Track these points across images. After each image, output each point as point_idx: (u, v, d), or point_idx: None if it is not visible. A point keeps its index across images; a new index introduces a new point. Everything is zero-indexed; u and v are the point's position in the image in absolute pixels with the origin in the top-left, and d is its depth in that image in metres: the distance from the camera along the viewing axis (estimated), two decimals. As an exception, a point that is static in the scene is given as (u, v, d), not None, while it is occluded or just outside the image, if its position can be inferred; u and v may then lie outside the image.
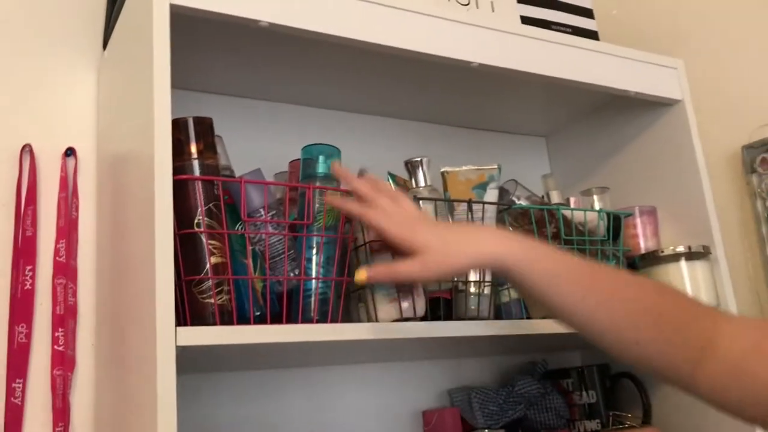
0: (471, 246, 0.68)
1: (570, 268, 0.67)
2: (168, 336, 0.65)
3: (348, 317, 0.88)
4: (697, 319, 0.64)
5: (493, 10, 1.13)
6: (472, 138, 1.31)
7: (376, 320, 0.83)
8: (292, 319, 0.78)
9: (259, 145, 1.03)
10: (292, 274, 0.78)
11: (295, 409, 1.01)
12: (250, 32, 0.81)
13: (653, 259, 1.05)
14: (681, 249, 1.03)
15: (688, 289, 1.02)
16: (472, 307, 0.89)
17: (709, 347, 0.61)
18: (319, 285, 0.79)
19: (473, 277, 0.91)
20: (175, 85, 0.72)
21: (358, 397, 1.07)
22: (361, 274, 0.70)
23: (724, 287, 1.06)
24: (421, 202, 0.87)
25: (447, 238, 0.69)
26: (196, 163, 0.72)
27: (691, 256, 1.03)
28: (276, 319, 0.76)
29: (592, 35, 1.22)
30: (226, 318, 0.71)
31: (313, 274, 0.78)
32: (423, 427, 1.08)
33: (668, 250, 1.04)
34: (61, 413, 0.85)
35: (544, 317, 0.96)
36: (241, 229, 0.76)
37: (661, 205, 1.15)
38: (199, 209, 0.71)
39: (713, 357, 0.61)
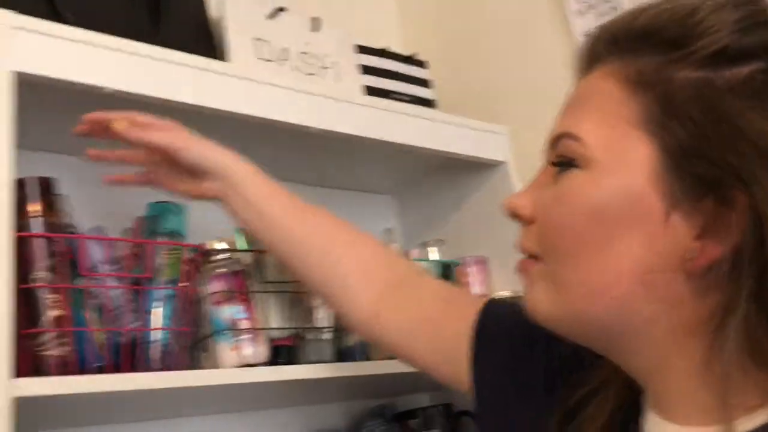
0: (218, 148, 0.80)
1: (281, 187, 0.80)
2: (3, 387, 0.67)
3: (193, 368, 0.92)
4: (390, 253, 0.77)
5: (338, 80, 1.24)
6: (325, 196, 1.38)
7: (219, 368, 0.88)
8: (134, 370, 0.81)
9: (106, 204, 1.06)
10: (132, 326, 0.81)
11: (145, 463, 1.02)
12: (95, 97, 0.85)
13: (483, 303, 1.16)
14: (505, 293, 1.15)
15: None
16: (313, 352, 0.96)
17: (402, 282, 0.73)
18: (162, 336, 0.83)
19: (319, 323, 0.98)
20: (23, 146, 0.76)
21: (212, 448, 1.10)
22: (121, 123, 0.78)
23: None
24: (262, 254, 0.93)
25: (202, 138, 0.80)
26: (36, 221, 0.76)
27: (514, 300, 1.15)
28: (118, 370, 0.79)
29: (429, 103, 1.36)
30: (66, 369, 0.74)
31: (154, 326, 0.82)
32: (275, 474, 1.12)
33: (494, 295, 1.15)
34: None
35: (383, 359, 1.04)
36: (81, 283, 0.79)
37: (493, 255, 1.27)
38: (39, 264, 0.74)
39: (404, 294, 0.72)
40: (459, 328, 0.67)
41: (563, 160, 0.49)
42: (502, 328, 0.66)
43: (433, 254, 1.23)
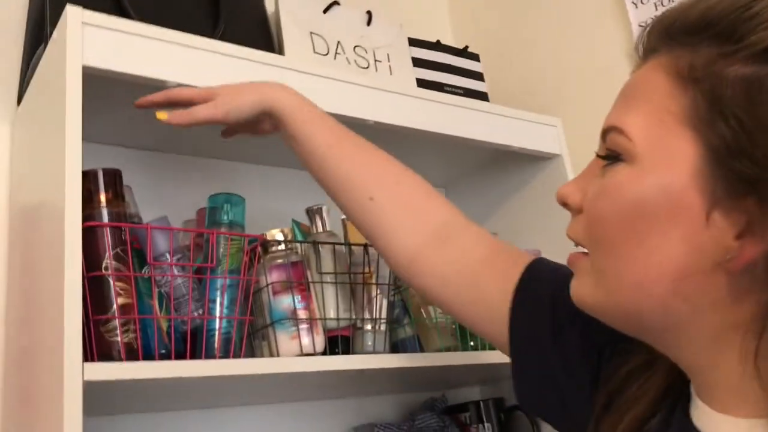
0: (258, 90, 0.79)
1: (327, 119, 0.78)
2: (75, 371, 0.69)
3: (252, 356, 0.94)
4: (437, 197, 0.74)
5: (390, 73, 1.25)
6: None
7: (278, 356, 0.89)
8: (196, 357, 0.83)
9: (169, 195, 1.08)
10: (195, 314, 0.83)
11: (203, 449, 1.05)
12: (159, 90, 0.87)
13: (537, 297, 1.15)
14: (560, 287, 1.14)
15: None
16: (369, 343, 0.97)
17: (446, 232, 0.70)
18: (222, 324, 0.85)
19: (375, 314, 0.99)
20: (88, 138, 0.78)
21: (267, 436, 1.12)
22: (162, 114, 0.79)
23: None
24: (319, 245, 0.94)
25: (240, 86, 0.80)
26: (104, 211, 0.78)
27: (570, 294, 1.14)
28: (181, 357, 0.81)
29: (483, 96, 1.35)
30: (132, 355, 0.76)
31: (217, 315, 0.84)
32: (329, 463, 1.13)
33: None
34: (-34, 458, 0.87)
35: (437, 350, 1.05)
36: (147, 272, 0.82)
37: (547, 248, 1.26)
38: (107, 253, 0.77)
39: (447, 244, 0.70)
40: (501, 284, 0.67)
41: (610, 154, 0.50)
42: (545, 291, 0.65)
43: (486, 247, 1.22)
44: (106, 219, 0.78)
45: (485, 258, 0.69)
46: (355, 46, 1.21)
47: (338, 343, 0.96)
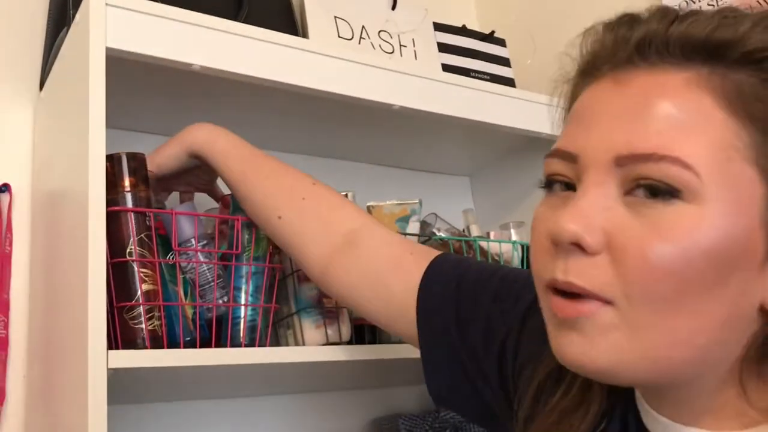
0: (178, 137, 0.85)
1: (241, 148, 0.83)
2: (99, 359, 0.68)
3: (277, 345, 0.92)
4: (343, 207, 0.76)
5: (416, 58, 1.22)
6: (402, 177, 1.38)
7: (304, 345, 0.87)
8: (221, 345, 0.82)
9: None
10: (221, 302, 0.82)
11: (226, 439, 1.04)
12: (183, 74, 0.86)
13: (566, 287, 1.13)
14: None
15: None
16: (396, 333, 0.95)
17: (353, 239, 0.72)
18: (248, 312, 0.83)
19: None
20: (109, 125, 0.77)
21: (289, 427, 1.10)
22: None
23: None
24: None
25: (166, 142, 0.86)
26: (128, 196, 0.76)
27: (600, 284, 1.11)
28: (206, 344, 0.80)
29: (509, 82, 1.32)
30: (156, 343, 0.75)
31: (242, 302, 0.83)
32: (353, 454, 1.12)
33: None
34: (-10, 445, 0.86)
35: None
36: (172, 258, 0.80)
37: (574, 238, 1.23)
38: (131, 239, 0.75)
39: (354, 251, 0.71)
40: (407, 283, 0.68)
41: (660, 187, 0.41)
42: (449, 285, 0.66)
43: (513, 236, 1.20)
44: (130, 204, 0.76)
45: (392, 259, 0.71)
46: (379, 31, 1.19)
47: (364, 332, 0.94)
